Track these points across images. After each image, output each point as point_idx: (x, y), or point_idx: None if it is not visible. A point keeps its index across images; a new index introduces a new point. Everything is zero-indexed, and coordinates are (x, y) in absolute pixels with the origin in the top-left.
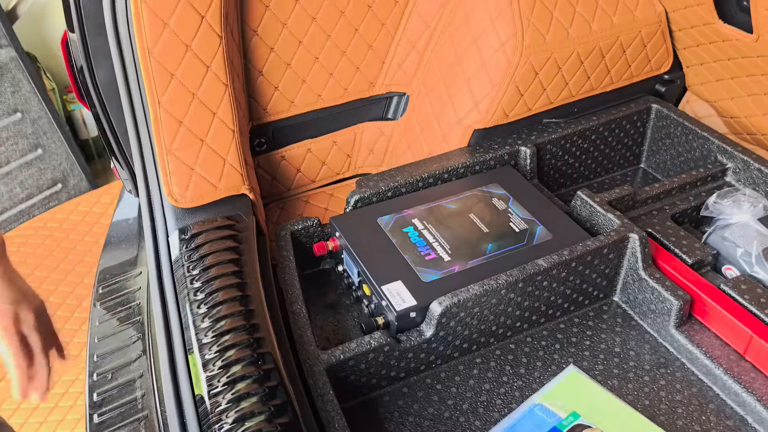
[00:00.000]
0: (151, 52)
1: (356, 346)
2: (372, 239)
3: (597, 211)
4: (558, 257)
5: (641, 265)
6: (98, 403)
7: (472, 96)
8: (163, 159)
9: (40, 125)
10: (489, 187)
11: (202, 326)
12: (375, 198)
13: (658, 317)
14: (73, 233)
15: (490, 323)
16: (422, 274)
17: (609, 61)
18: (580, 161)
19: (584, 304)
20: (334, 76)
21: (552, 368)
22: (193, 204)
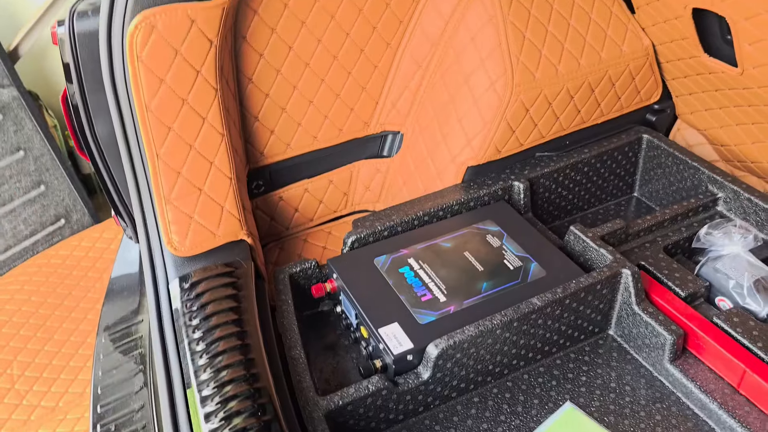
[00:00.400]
0: (148, 107)
1: (354, 391)
2: (369, 280)
3: (590, 246)
4: (552, 295)
5: (634, 300)
6: None
7: (464, 134)
8: (162, 209)
9: (42, 162)
10: (483, 224)
11: (203, 377)
12: (371, 238)
13: (653, 351)
14: (76, 269)
15: (487, 362)
16: (418, 315)
17: (599, 95)
18: (573, 193)
19: (580, 339)
20: (329, 117)
21: (549, 405)
22: (193, 252)
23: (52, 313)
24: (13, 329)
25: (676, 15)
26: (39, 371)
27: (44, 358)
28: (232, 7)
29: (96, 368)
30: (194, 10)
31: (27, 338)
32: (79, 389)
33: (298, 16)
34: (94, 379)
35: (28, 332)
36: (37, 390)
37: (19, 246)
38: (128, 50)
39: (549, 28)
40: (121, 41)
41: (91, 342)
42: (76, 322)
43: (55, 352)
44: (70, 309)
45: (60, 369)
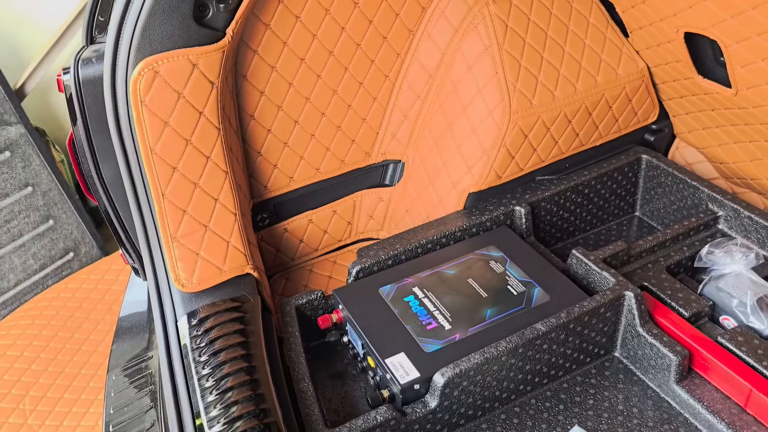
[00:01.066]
0: (153, 150)
1: (363, 422)
2: (374, 310)
3: (592, 269)
4: (556, 320)
5: (638, 322)
6: None
7: (464, 161)
8: (168, 246)
9: (50, 197)
10: (486, 250)
11: (213, 414)
12: (376, 267)
13: (659, 372)
14: (86, 302)
15: (494, 389)
16: (424, 344)
17: (596, 118)
18: (575, 215)
19: (585, 361)
20: (331, 149)
21: (557, 430)
22: (200, 288)
23: (63, 347)
24: (24, 364)
25: (668, 39)
26: (51, 405)
27: (56, 392)
28: (232, 49)
29: (107, 406)
30: (195, 55)
31: (38, 373)
32: (90, 422)
33: (297, 54)
34: (105, 417)
35: (39, 367)
36: (49, 424)
37: (29, 280)
38: (132, 96)
39: (544, 55)
40: (125, 87)
41: (101, 374)
42: (87, 355)
43: (66, 385)
44: (80, 342)
45: (72, 402)
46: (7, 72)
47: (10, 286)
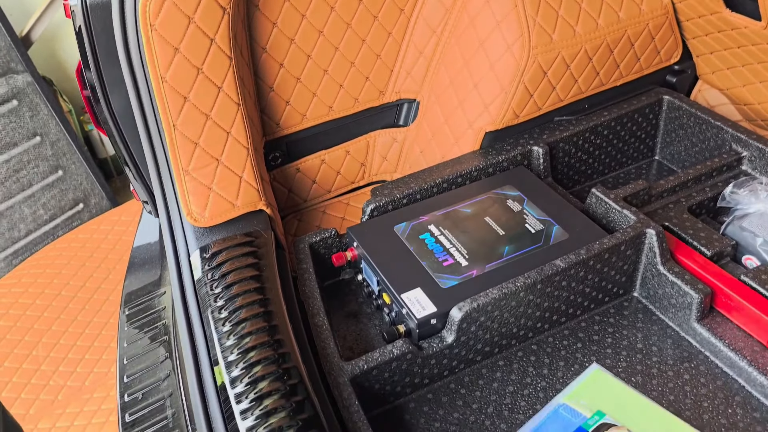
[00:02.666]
0: (163, 78)
1: (379, 355)
2: (389, 248)
3: (612, 208)
4: (575, 257)
5: (659, 260)
6: (131, 424)
7: (481, 99)
8: (180, 180)
9: (59, 147)
10: (503, 189)
11: (227, 344)
12: (390, 206)
13: (680, 311)
14: (96, 252)
15: (511, 325)
16: (440, 280)
17: (617, 56)
18: (593, 157)
19: (604, 301)
20: (344, 87)
21: (575, 367)
22: (212, 222)
23: (75, 295)
24: (36, 312)
25: None
26: (64, 352)
27: (68, 339)
28: None
29: (121, 340)
30: None
31: (51, 320)
32: (104, 369)
33: None
34: (119, 350)
35: (52, 314)
36: (63, 370)
37: (40, 231)
38: (141, 19)
39: None
40: (134, 11)
41: (113, 322)
42: (99, 304)
43: (79, 333)
44: (91, 291)
45: (84, 349)
46: (13, 20)
47: (21, 236)
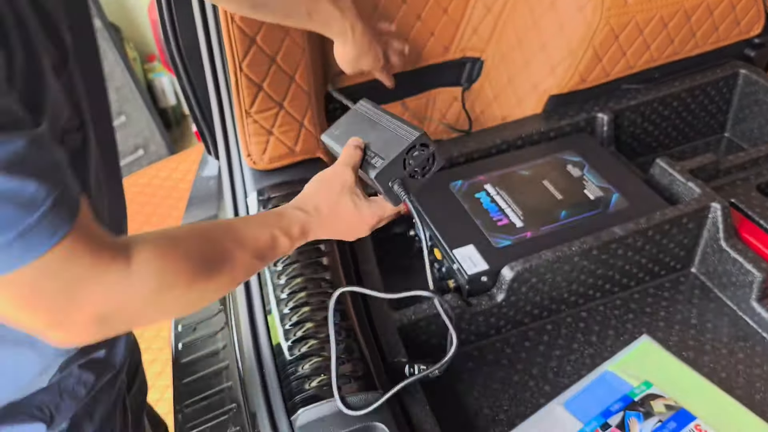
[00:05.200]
0: (232, 18)
1: (428, 307)
2: (444, 204)
3: (677, 180)
4: (635, 225)
5: (722, 236)
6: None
7: (548, 60)
8: (242, 122)
9: (123, 93)
10: (564, 154)
11: (278, 282)
12: (447, 163)
13: (739, 290)
14: (154, 197)
15: (562, 290)
16: (494, 239)
17: (694, 24)
18: (660, 129)
19: (660, 274)
20: (409, 41)
21: (624, 337)
22: (271, 166)
23: None
24: None
25: None
26: None
27: None
28: None
29: None
30: None
31: None
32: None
33: None
34: None
35: None
36: None
37: None
38: None
39: None
40: None
41: None
42: None
43: None
44: None
45: None
46: None
47: None
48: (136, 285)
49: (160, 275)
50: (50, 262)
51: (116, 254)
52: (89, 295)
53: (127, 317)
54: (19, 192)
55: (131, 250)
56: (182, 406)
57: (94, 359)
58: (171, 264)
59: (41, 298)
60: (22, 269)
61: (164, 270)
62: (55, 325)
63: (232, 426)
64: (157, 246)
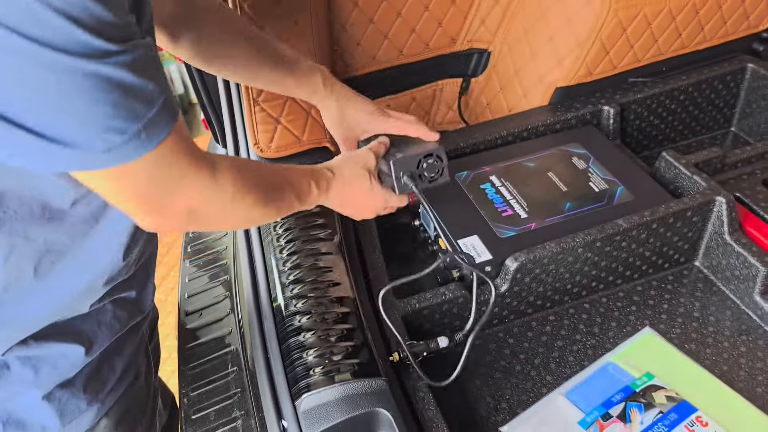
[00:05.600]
0: (242, 7)
1: (432, 296)
2: (449, 195)
3: (682, 173)
4: (639, 218)
5: (727, 230)
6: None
7: (555, 53)
8: (250, 110)
9: None
10: (569, 146)
11: (284, 269)
12: (453, 154)
13: (742, 284)
14: None
15: (566, 281)
16: (498, 230)
17: (703, 18)
18: (666, 122)
19: (663, 267)
20: (416, 31)
21: (627, 329)
22: (278, 155)
23: None
24: None
25: None
26: None
27: None
28: None
29: (182, 275)
30: None
31: None
32: (162, 297)
33: None
34: (180, 285)
35: None
36: None
37: None
38: None
39: None
40: None
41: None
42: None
43: None
44: None
45: None
46: None
47: None
48: (219, 191)
49: (235, 189)
50: (160, 155)
51: (205, 160)
52: (185, 190)
53: (208, 217)
54: (143, 89)
55: (215, 163)
56: (188, 390)
57: (127, 298)
58: (244, 183)
59: (149, 188)
60: (139, 160)
61: (239, 186)
62: (154, 212)
63: (237, 410)
64: (234, 166)
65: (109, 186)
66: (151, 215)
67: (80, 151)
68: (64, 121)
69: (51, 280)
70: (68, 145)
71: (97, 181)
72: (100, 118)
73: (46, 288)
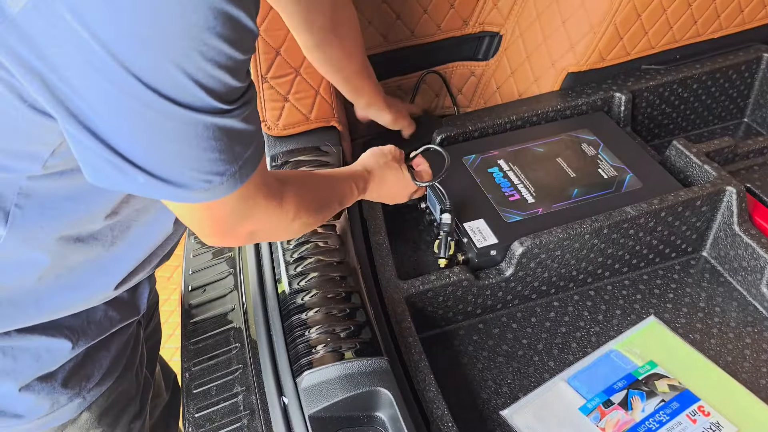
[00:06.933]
0: None
1: (436, 278)
2: (456, 178)
3: (693, 162)
4: (647, 206)
5: (736, 220)
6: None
7: (568, 37)
8: (258, 87)
9: None
10: (579, 133)
11: (288, 247)
12: (461, 137)
13: (750, 275)
14: None
15: (571, 268)
16: (505, 214)
17: (720, 5)
18: (678, 111)
19: (670, 256)
20: (428, 12)
21: (631, 317)
22: (285, 132)
23: None
24: None
25: None
26: None
27: None
28: None
29: (187, 251)
30: None
31: None
32: (167, 273)
33: None
34: (185, 261)
35: None
36: None
37: None
38: None
39: None
40: None
41: None
42: None
43: None
44: None
45: None
46: None
47: None
48: (282, 216)
49: (297, 211)
50: (245, 190)
51: (276, 193)
52: (253, 220)
53: (268, 236)
54: (245, 134)
55: (284, 192)
56: (190, 365)
57: (120, 299)
58: (305, 205)
59: (226, 216)
60: (228, 197)
61: (301, 209)
62: (222, 234)
63: (238, 386)
64: (298, 191)
65: (190, 213)
66: (217, 236)
67: (180, 188)
68: (172, 162)
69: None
70: (170, 183)
71: (180, 209)
72: (206, 162)
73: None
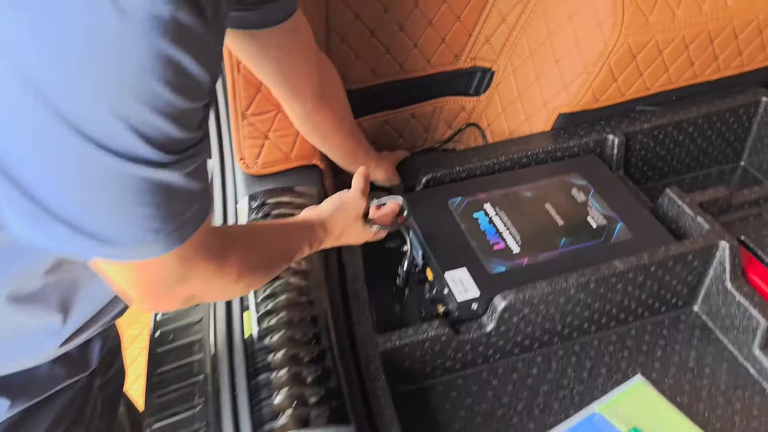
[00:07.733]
0: None
1: (413, 332)
2: (440, 222)
3: (685, 213)
4: (636, 260)
5: (729, 276)
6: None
7: (561, 77)
8: (237, 124)
9: None
10: (570, 177)
11: (259, 299)
12: (448, 178)
13: (742, 335)
14: None
15: (556, 322)
16: (489, 264)
17: (718, 47)
18: (672, 154)
19: (660, 311)
20: (418, 46)
21: (617, 376)
22: (264, 171)
23: None
24: None
25: None
26: None
27: None
28: None
29: None
30: None
31: None
32: None
33: None
34: None
35: None
36: None
37: None
38: None
39: None
40: None
41: None
42: None
43: None
44: None
45: None
46: None
47: None
48: (223, 278)
49: (239, 274)
50: (184, 252)
51: (219, 254)
52: (192, 283)
53: (208, 298)
54: (187, 191)
55: (227, 253)
56: (152, 421)
57: (66, 355)
58: (249, 264)
59: (159, 279)
60: (163, 257)
61: (242, 270)
62: (155, 299)
63: None
64: (244, 251)
65: (121, 274)
66: (150, 300)
67: (108, 245)
68: (101, 217)
69: None
70: (97, 239)
71: (110, 269)
72: (140, 218)
73: None
